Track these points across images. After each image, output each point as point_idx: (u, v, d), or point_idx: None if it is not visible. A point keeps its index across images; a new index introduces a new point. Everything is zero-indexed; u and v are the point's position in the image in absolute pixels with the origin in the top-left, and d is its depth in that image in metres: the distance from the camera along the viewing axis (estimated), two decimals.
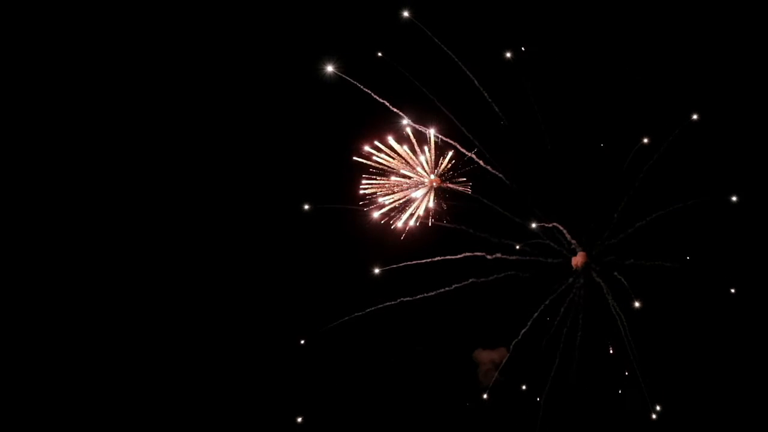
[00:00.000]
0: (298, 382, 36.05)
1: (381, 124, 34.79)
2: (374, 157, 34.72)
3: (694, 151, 34.93)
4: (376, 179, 34.82)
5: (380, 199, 34.95)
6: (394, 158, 34.82)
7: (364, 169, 34.87)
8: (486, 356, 36.35)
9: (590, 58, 35.90)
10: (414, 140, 34.78)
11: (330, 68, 33.89)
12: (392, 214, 35.06)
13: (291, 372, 36.05)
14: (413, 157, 34.87)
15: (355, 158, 34.82)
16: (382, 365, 36.11)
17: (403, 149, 34.83)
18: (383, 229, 35.33)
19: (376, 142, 34.68)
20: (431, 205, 35.19)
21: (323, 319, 35.34)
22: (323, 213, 35.85)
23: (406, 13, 34.57)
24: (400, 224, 35.11)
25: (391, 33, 35.19)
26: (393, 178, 35.15)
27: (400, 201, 34.98)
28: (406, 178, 34.99)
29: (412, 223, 35.10)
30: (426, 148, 34.92)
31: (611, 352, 34.14)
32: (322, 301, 35.91)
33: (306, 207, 35.72)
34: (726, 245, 34.62)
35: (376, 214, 35.23)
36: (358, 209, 35.13)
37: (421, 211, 35.14)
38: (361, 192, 35.04)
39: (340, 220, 35.92)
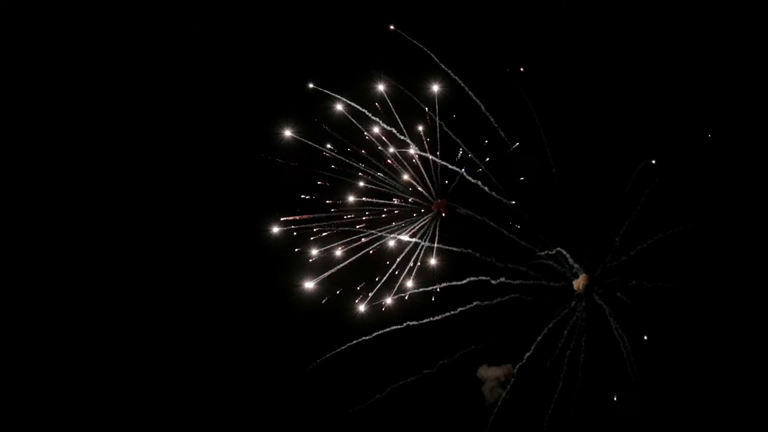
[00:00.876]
0: (306, 406, 36.81)
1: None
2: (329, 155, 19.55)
3: (695, 174, 35.37)
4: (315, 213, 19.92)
5: (316, 251, 19.70)
6: (362, 159, 20.56)
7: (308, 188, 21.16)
8: (491, 373, 36.72)
9: (594, 82, 36.20)
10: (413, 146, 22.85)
11: (311, 84, 32.10)
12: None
13: (297, 399, 36.79)
14: (400, 156, 22.00)
15: (263, 155, 22.07)
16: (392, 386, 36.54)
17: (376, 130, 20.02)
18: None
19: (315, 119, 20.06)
20: (434, 262, 22.40)
21: (331, 343, 35.92)
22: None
23: (392, 26, 34.54)
24: (362, 307, 20.78)
25: (384, 47, 35.28)
26: (351, 198, 21.28)
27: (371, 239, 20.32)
28: (385, 198, 21.82)
29: (389, 301, 22.00)
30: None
31: (615, 399, 34.78)
32: (331, 324, 36.40)
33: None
34: (727, 267, 35.10)
35: (310, 284, 21.17)
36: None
37: (409, 283, 21.09)
38: (279, 229, 20.09)
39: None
